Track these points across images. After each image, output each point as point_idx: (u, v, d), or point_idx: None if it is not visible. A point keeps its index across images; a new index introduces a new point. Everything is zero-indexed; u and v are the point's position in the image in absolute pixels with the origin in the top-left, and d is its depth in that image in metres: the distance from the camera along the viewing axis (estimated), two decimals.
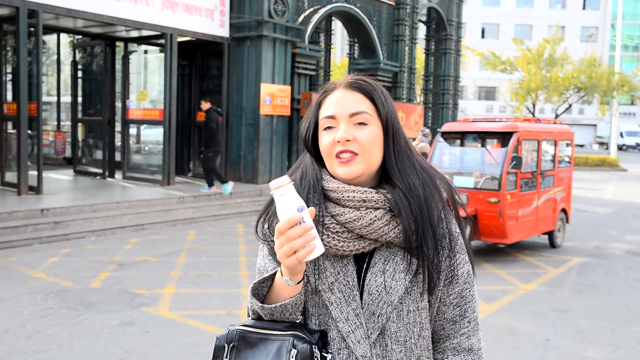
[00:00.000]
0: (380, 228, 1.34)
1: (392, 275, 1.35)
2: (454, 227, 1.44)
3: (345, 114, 1.37)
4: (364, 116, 1.37)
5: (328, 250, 1.35)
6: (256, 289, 1.36)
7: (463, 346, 1.44)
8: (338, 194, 1.36)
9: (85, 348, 4.73)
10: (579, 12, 56.04)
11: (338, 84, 1.44)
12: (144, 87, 24.94)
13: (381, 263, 1.36)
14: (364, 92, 1.39)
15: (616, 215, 13.43)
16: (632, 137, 50.98)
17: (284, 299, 1.32)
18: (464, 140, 9.79)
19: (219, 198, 11.98)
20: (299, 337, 1.28)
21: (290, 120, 14.76)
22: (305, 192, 1.38)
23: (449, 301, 1.42)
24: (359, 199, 1.35)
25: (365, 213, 1.34)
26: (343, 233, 1.34)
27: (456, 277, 1.42)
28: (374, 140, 1.37)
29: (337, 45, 39.40)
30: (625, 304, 6.52)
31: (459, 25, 21.11)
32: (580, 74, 32.44)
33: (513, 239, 8.35)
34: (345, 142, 1.35)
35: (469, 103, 52.83)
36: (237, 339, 1.33)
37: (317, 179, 1.40)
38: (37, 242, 8.45)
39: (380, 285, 1.34)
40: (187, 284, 6.68)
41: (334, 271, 1.36)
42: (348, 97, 1.39)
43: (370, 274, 1.36)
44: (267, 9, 13.37)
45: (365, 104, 1.38)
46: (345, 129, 1.36)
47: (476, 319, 1.46)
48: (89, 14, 11.25)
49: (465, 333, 1.44)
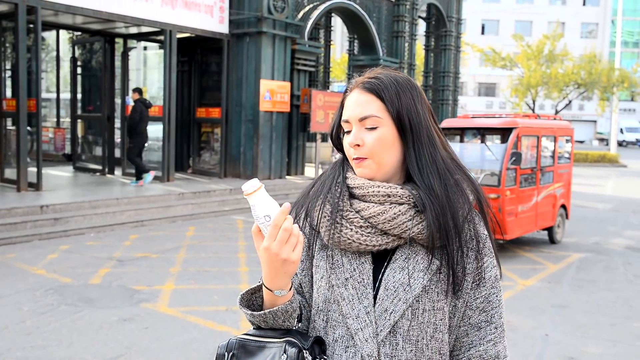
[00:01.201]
0: (404, 223, 1.32)
1: (411, 273, 1.33)
2: (482, 230, 1.41)
3: (355, 118, 1.37)
4: (372, 120, 1.36)
5: (350, 245, 1.34)
6: (248, 300, 1.36)
7: (490, 353, 1.38)
8: (363, 190, 1.36)
9: (84, 344, 4.74)
10: (579, 8, 55.95)
11: (355, 82, 1.42)
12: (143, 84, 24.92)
13: (402, 260, 1.35)
14: (374, 91, 1.37)
15: (616, 211, 13.43)
16: (632, 133, 50.93)
17: (277, 305, 1.31)
18: (463, 136, 9.78)
19: (219, 194, 11.97)
20: (290, 343, 1.28)
21: (290, 116, 14.76)
22: (326, 190, 1.40)
23: (475, 305, 1.39)
24: (384, 193, 1.34)
25: (388, 207, 1.33)
26: (367, 228, 1.34)
27: (484, 281, 1.39)
28: (383, 142, 1.36)
29: (337, 41, 39.36)
30: (624, 299, 6.52)
31: (458, 21, 21.09)
32: (580, 70, 32.40)
33: (512, 235, 8.36)
34: (355, 147, 1.37)
35: (468, 99, 52.80)
36: (236, 347, 1.32)
37: (342, 177, 1.42)
38: (37, 238, 8.45)
39: (397, 282, 1.33)
40: (187, 280, 6.69)
41: (350, 267, 1.36)
42: (359, 100, 1.38)
43: (389, 269, 1.35)
44: (266, 5, 13.35)
45: (375, 105, 1.36)
46: (356, 133, 1.37)
47: (502, 325, 1.41)
48: (88, 10, 11.24)
49: (492, 340, 1.39)
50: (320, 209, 1.38)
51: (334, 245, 1.37)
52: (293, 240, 1.23)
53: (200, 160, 15.07)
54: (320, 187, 1.44)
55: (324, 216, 1.37)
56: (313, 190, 1.46)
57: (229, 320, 5.42)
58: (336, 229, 1.35)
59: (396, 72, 1.43)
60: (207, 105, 14.69)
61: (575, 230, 10.58)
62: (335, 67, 30.63)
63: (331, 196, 1.38)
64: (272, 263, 1.24)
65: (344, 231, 1.34)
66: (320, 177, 1.49)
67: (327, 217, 1.36)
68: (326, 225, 1.36)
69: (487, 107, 53.84)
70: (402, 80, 1.40)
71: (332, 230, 1.35)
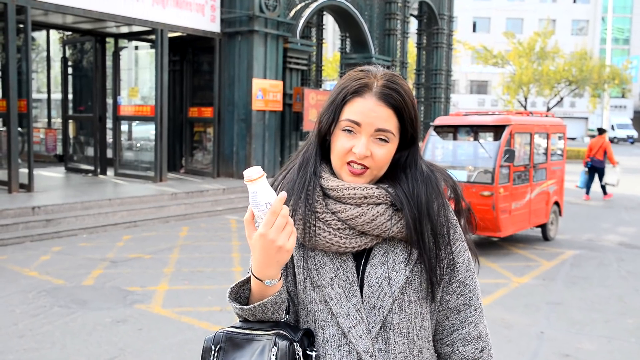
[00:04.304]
0: (383, 224, 1.33)
1: (392, 266, 1.34)
2: (452, 215, 1.43)
3: (371, 128, 1.33)
4: (388, 135, 1.34)
5: (329, 248, 1.33)
6: (236, 292, 1.34)
7: (472, 334, 1.42)
8: (338, 192, 1.34)
9: (77, 346, 4.70)
10: (569, 5, 56.15)
11: (370, 85, 1.34)
12: (135, 84, 24.83)
13: (380, 255, 1.35)
14: (396, 109, 1.34)
15: (608, 207, 13.47)
16: (623, 130, 51.15)
17: (265, 298, 1.29)
18: (456, 133, 9.78)
19: (212, 194, 11.94)
20: (280, 335, 1.27)
21: (283, 115, 14.72)
22: (299, 190, 1.37)
23: (452, 289, 1.42)
24: (360, 195, 1.33)
25: (367, 209, 1.32)
26: (345, 230, 1.33)
27: (457, 265, 1.41)
28: (388, 157, 1.36)
29: (329, 39, 39.33)
30: (618, 295, 6.54)
31: (450, 19, 21.12)
32: (572, 67, 32.55)
33: (506, 232, 8.36)
34: (362, 157, 1.34)
35: (461, 97, 52.88)
36: (224, 340, 1.31)
37: (315, 178, 1.38)
38: (29, 240, 8.39)
39: (380, 277, 1.33)
40: (181, 280, 6.65)
41: (334, 267, 1.35)
42: (379, 111, 1.33)
43: (369, 266, 1.35)
44: (258, 3, 13.31)
45: (393, 121, 1.34)
46: (366, 143, 1.33)
47: (481, 306, 1.45)
48: (78, 9, 11.17)
49: (473, 321, 1.43)
50: (294, 211, 1.35)
51: (312, 247, 1.36)
52: (289, 228, 1.22)
53: (193, 160, 15.02)
54: (292, 187, 1.39)
55: (299, 219, 1.35)
56: (284, 189, 1.40)
57: (223, 321, 5.39)
58: (313, 232, 1.34)
59: (400, 78, 1.39)
60: (199, 104, 14.65)
61: (569, 227, 10.61)
62: (328, 66, 30.61)
63: (305, 197, 1.35)
64: (266, 251, 1.22)
65: (322, 234, 1.33)
66: (289, 169, 1.44)
67: (302, 220, 1.35)
68: (302, 228, 1.35)
69: (479, 104, 53.94)
70: (409, 91, 1.38)
71: (308, 233, 1.34)
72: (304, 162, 1.42)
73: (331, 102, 1.38)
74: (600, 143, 14.45)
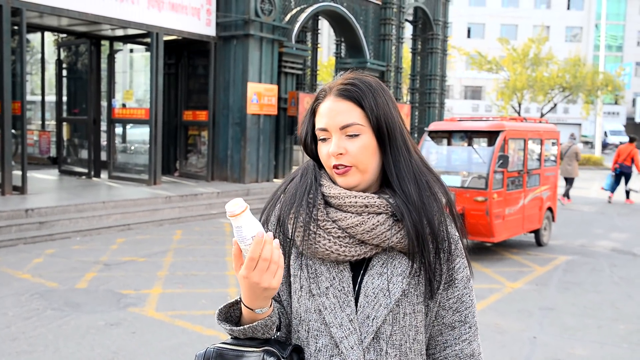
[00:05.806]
0: (383, 233, 1.32)
1: (389, 277, 1.33)
2: (453, 231, 1.43)
3: (336, 127, 1.34)
4: (355, 128, 1.34)
5: (329, 255, 1.33)
6: (226, 313, 1.33)
7: (465, 352, 1.41)
8: (340, 200, 1.35)
9: (71, 349, 4.69)
10: (563, 12, 56.39)
11: (328, 89, 1.39)
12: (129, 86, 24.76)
13: (379, 266, 1.35)
14: (353, 99, 1.35)
15: (601, 213, 13.54)
16: (616, 136, 51.35)
17: (256, 322, 1.29)
18: (450, 139, 9.82)
19: (206, 198, 11.92)
20: (268, 352, 1.27)
21: (277, 119, 14.73)
22: (300, 197, 1.37)
23: (449, 305, 1.41)
24: (361, 204, 1.33)
25: (367, 218, 1.32)
26: (345, 238, 1.33)
27: (455, 282, 1.41)
28: (366, 150, 1.34)
29: (324, 44, 39.41)
30: (610, 301, 6.57)
31: (445, 24, 21.18)
32: (565, 73, 32.64)
33: (500, 238, 8.39)
34: (338, 156, 1.34)
35: (455, 102, 53.00)
36: (214, 356, 1.30)
37: (316, 185, 1.38)
38: (22, 242, 8.36)
39: (377, 288, 1.33)
40: (174, 284, 6.64)
41: (330, 276, 1.35)
42: (338, 107, 1.35)
43: (367, 276, 1.35)
44: (253, 7, 13.33)
45: (356, 113, 1.34)
46: (337, 142, 1.34)
47: (476, 324, 1.44)
48: (73, 12, 11.15)
49: (467, 339, 1.42)
50: (295, 218, 1.36)
51: (311, 255, 1.36)
52: (273, 267, 1.21)
53: (187, 163, 15.01)
54: (293, 194, 1.40)
55: (300, 226, 1.35)
56: (286, 196, 1.42)
57: (217, 325, 5.37)
58: (313, 240, 1.33)
59: (365, 75, 1.40)
60: (194, 108, 14.65)
61: (562, 232, 10.65)
62: (323, 70, 30.64)
63: (306, 205, 1.35)
64: (252, 289, 1.23)
65: (321, 242, 1.33)
66: (291, 181, 1.45)
67: (302, 227, 1.35)
68: (302, 235, 1.35)
69: (473, 110, 54.06)
70: (375, 84, 1.38)
71: (308, 240, 1.34)
72: (306, 169, 1.44)
73: (305, 116, 1.44)
74: (629, 150, 15.11)
